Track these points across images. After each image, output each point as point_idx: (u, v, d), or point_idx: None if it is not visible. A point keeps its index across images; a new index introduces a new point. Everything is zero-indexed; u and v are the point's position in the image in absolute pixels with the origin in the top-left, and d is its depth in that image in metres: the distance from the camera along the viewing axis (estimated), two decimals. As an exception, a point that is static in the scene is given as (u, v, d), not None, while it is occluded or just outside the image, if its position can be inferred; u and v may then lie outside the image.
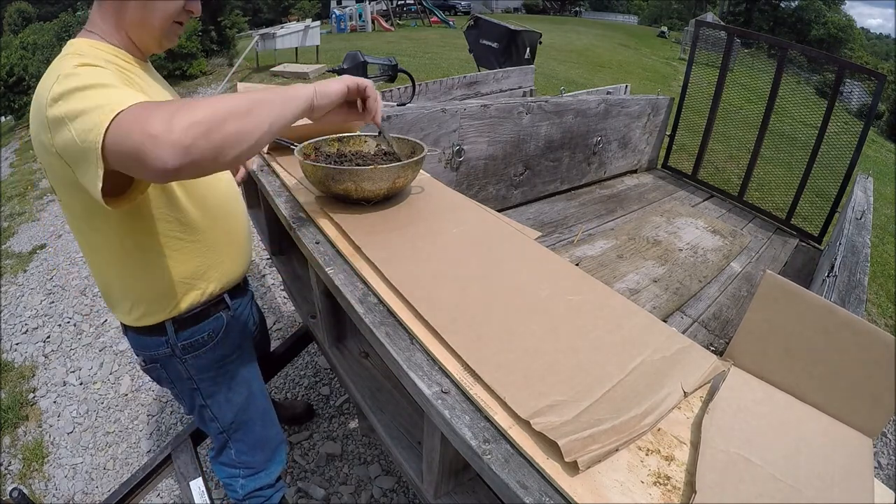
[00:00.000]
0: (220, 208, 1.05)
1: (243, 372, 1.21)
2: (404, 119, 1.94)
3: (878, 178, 5.88)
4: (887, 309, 3.78)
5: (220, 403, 1.18)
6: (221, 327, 1.12)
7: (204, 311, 1.08)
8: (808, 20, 31.38)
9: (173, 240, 0.97)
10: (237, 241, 1.13)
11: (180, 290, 1.02)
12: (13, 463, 1.99)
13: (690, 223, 2.61)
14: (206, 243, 1.03)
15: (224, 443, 1.25)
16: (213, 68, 8.54)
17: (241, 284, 1.22)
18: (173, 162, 0.59)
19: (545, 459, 0.59)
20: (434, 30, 17.06)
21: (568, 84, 6.89)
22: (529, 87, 3.88)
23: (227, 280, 1.12)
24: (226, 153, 0.64)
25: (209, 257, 1.05)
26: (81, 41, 0.87)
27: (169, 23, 0.91)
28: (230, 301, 1.15)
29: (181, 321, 1.05)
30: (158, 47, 0.95)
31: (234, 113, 0.65)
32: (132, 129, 0.60)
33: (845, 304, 1.34)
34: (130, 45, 0.92)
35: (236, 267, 1.14)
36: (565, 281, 0.93)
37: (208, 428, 1.23)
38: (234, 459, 1.26)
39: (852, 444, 0.68)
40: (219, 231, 1.05)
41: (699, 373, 0.75)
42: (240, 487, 1.27)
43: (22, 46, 9.01)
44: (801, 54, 3.18)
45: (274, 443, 1.32)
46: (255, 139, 0.68)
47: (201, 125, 0.61)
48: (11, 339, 2.70)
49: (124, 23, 0.88)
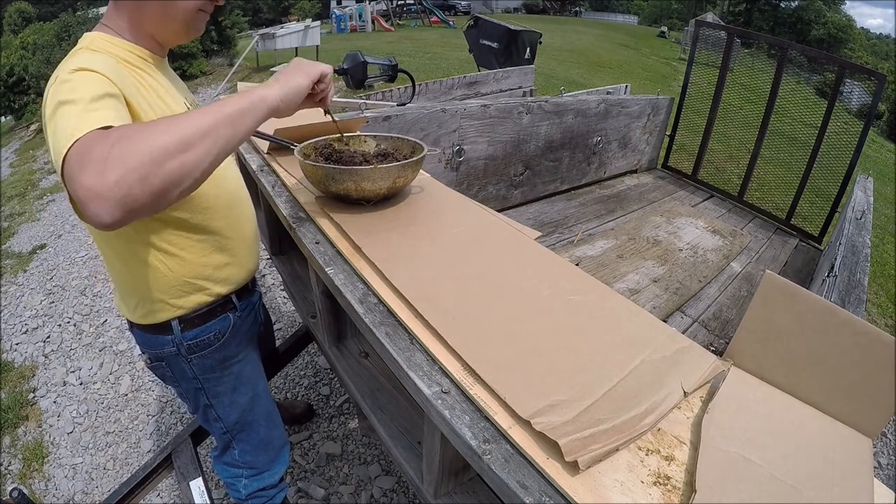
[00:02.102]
0: (229, 209, 1.05)
1: (248, 373, 1.20)
2: (404, 119, 1.94)
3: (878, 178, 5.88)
4: (887, 309, 3.78)
5: (224, 404, 1.17)
6: (228, 328, 1.12)
7: (211, 311, 1.08)
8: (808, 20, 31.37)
9: (181, 239, 0.97)
10: (245, 242, 1.12)
11: (186, 290, 1.02)
12: (13, 463, 2.00)
13: (690, 223, 2.61)
14: (214, 244, 1.03)
15: (228, 443, 1.24)
16: (213, 68, 8.55)
17: (249, 285, 1.22)
18: (109, 217, 0.56)
19: (545, 459, 0.59)
20: (434, 30, 17.06)
21: (568, 84, 6.89)
22: (529, 87, 3.89)
23: (234, 281, 1.11)
24: (168, 194, 0.61)
25: (216, 258, 1.05)
26: (96, 35, 0.86)
27: (192, 14, 0.88)
28: (237, 302, 1.14)
29: (187, 320, 1.05)
30: (184, 38, 0.93)
31: (175, 149, 0.60)
32: (72, 172, 0.58)
33: (845, 304, 1.34)
34: (149, 40, 0.90)
35: (244, 268, 1.14)
36: (565, 281, 0.93)
37: (212, 428, 1.23)
38: (237, 460, 1.26)
39: (852, 444, 0.68)
40: (227, 233, 1.05)
41: (699, 373, 0.75)
42: (242, 487, 1.27)
43: (22, 46, 9.00)
44: (801, 54, 3.18)
45: (278, 443, 1.32)
46: (202, 171, 0.64)
47: (135, 172, 0.56)
48: (11, 339, 2.70)
49: (143, 18, 0.87)
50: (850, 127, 2.79)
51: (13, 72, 8.08)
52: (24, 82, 8.17)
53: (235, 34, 9.40)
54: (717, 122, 3.18)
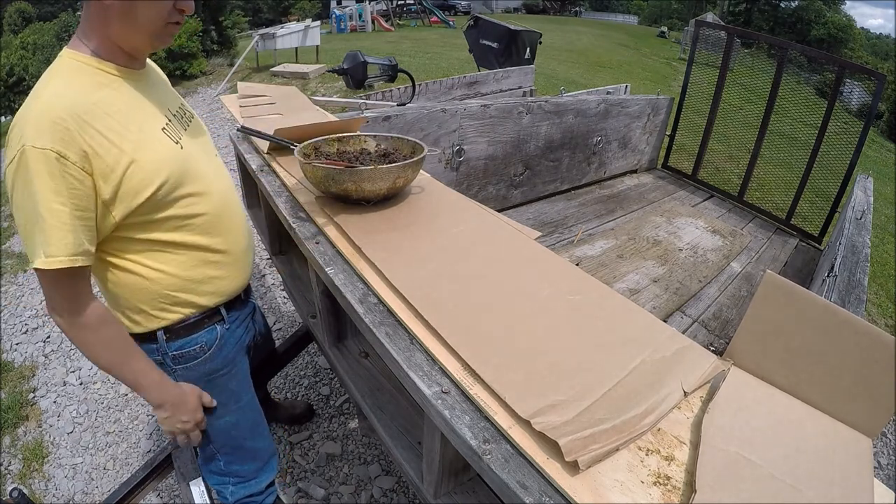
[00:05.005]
0: (213, 226, 1.02)
1: (233, 386, 1.18)
2: (404, 119, 1.94)
3: (878, 178, 5.88)
4: (887, 309, 3.78)
5: (207, 416, 1.16)
6: (215, 340, 1.10)
7: (198, 322, 1.06)
8: (808, 20, 31.36)
9: (161, 254, 0.96)
10: (233, 256, 1.10)
11: (169, 302, 1.01)
12: (13, 463, 1.99)
13: (690, 223, 2.61)
14: (198, 258, 1.01)
15: (212, 454, 1.23)
16: (213, 68, 8.54)
17: (241, 297, 1.20)
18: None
19: (545, 459, 0.59)
20: (434, 30, 17.05)
21: (568, 84, 6.88)
22: (529, 87, 3.88)
23: (221, 294, 1.09)
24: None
25: (200, 272, 1.03)
26: (67, 58, 0.86)
27: (159, 25, 0.86)
28: (226, 314, 1.12)
29: (172, 331, 1.04)
30: (150, 48, 0.92)
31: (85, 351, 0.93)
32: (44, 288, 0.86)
33: (845, 304, 1.34)
34: (116, 51, 0.88)
35: (232, 282, 1.11)
36: (565, 281, 0.93)
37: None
38: (222, 469, 1.25)
39: (852, 444, 0.68)
40: (211, 247, 1.03)
41: (699, 373, 0.75)
42: (230, 494, 1.26)
43: (22, 46, 9.03)
44: (801, 54, 3.18)
45: (264, 454, 1.30)
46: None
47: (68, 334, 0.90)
48: (11, 339, 2.70)
49: (108, 28, 0.85)
50: (850, 127, 2.79)
51: (13, 72, 8.09)
52: (24, 82, 8.18)
53: (235, 34, 9.39)
54: (717, 122, 3.18)
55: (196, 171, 0.98)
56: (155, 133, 0.92)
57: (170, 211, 0.93)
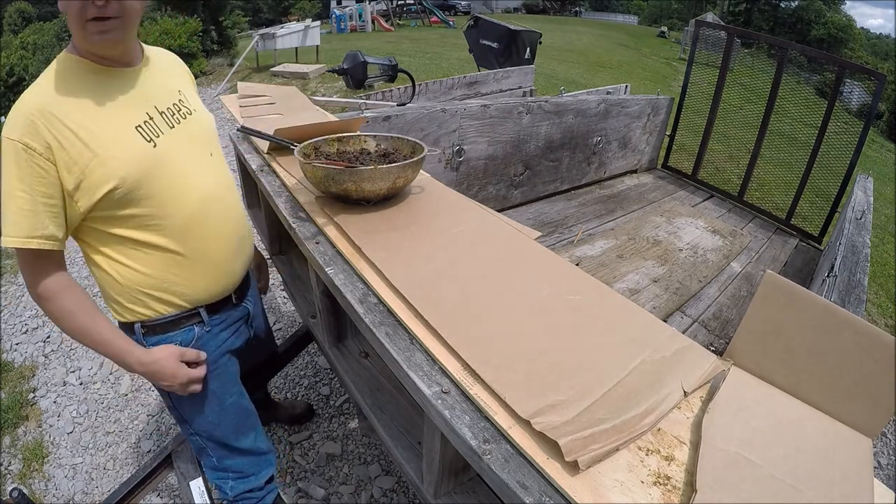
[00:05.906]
0: (187, 230, 1.01)
1: (215, 387, 1.17)
2: (404, 119, 1.94)
3: (878, 178, 5.88)
4: (887, 309, 3.78)
5: (187, 411, 1.16)
6: (191, 340, 1.09)
7: (175, 321, 1.06)
8: (808, 20, 31.36)
9: (132, 251, 0.98)
10: (210, 262, 1.08)
11: (142, 298, 1.02)
12: (13, 463, 1.99)
13: (690, 223, 2.61)
14: (169, 261, 1.01)
15: (201, 448, 1.23)
16: (213, 68, 8.54)
17: (233, 299, 1.18)
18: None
19: (545, 459, 0.59)
20: (434, 30, 17.05)
21: (568, 84, 6.88)
22: (529, 87, 3.88)
23: (198, 297, 1.08)
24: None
25: (172, 274, 1.02)
26: (59, 56, 0.92)
27: (78, 23, 0.85)
28: (207, 316, 1.11)
29: (149, 326, 1.05)
30: (94, 48, 0.90)
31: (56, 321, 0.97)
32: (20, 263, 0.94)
33: (845, 304, 1.34)
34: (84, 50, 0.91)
35: (211, 285, 1.10)
36: (565, 281, 0.93)
37: (182, 429, 1.23)
38: (216, 465, 1.25)
39: (852, 444, 0.68)
40: (184, 252, 1.02)
41: (699, 373, 0.75)
42: (229, 489, 1.26)
43: (22, 46, 9.03)
44: (801, 54, 3.18)
45: (257, 452, 1.30)
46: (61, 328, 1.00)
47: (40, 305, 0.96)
48: (11, 339, 2.70)
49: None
50: (850, 127, 2.79)
51: (13, 72, 8.09)
52: (24, 82, 8.18)
53: (235, 34, 9.39)
54: (717, 122, 3.18)
55: (170, 171, 0.98)
56: (126, 131, 0.93)
57: (133, 209, 0.95)
